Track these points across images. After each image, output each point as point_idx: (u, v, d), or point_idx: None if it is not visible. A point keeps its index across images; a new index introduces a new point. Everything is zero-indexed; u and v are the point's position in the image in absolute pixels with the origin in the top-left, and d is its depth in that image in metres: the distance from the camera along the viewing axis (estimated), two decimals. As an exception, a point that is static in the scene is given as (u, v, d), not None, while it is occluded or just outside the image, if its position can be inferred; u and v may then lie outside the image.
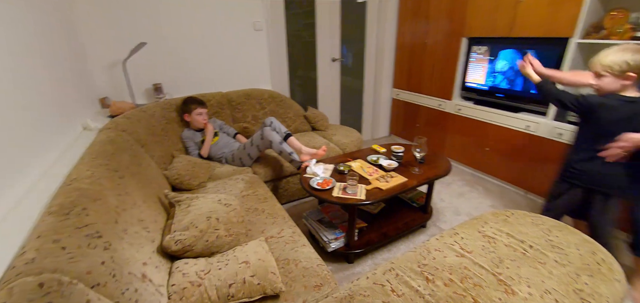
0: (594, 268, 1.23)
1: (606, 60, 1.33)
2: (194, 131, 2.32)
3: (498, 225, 1.50)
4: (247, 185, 1.96)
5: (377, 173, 1.88)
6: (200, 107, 2.27)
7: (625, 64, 1.28)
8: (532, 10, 2.31)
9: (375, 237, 1.95)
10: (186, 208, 1.35)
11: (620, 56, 1.30)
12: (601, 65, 1.35)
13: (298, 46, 3.25)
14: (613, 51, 1.34)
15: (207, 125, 2.29)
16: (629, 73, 1.28)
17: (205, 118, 2.30)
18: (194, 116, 2.27)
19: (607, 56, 1.34)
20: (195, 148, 2.28)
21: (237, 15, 2.69)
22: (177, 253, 1.17)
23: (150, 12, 2.34)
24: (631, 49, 1.30)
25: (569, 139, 2.23)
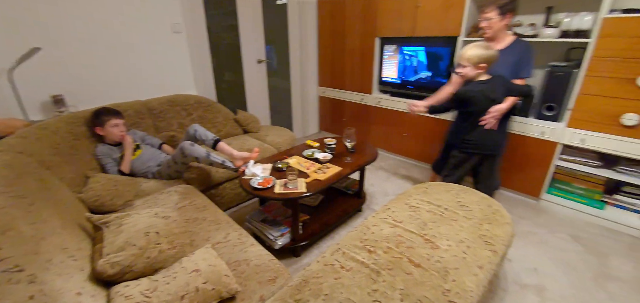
0: (491, 217, 1.56)
1: (466, 55, 1.75)
2: (110, 145, 2.07)
3: (420, 196, 1.75)
4: (182, 196, 1.85)
5: (313, 166, 1.99)
6: (116, 118, 2.04)
7: (477, 57, 1.72)
8: (428, 14, 2.72)
9: (318, 227, 2.06)
10: (117, 228, 1.23)
11: (475, 51, 1.72)
12: (464, 58, 1.76)
13: (222, 48, 3.16)
14: (470, 48, 1.74)
15: (126, 138, 2.07)
16: (480, 64, 1.73)
17: (123, 129, 2.08)
18: (109, 129, 2.03)
19: (467, 51, 1.75)
20: (114, 164, 2.04)
21: (151, 16, 2.48)
22: (115, 277, 1.07)
23: (44, 13, 2.00)
24: (482, 46, 1.73)
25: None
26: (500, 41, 1.95)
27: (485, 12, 1.86)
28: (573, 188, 2.39)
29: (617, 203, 2.26)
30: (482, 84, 1.77)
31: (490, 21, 1.86)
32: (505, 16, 1.85)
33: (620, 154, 2.06)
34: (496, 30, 1.89)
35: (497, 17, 1.84)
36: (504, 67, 1.87)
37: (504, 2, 1.80)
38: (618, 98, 1.97)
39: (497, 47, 1.92)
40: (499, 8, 1.81)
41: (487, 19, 1.87)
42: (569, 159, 2.30)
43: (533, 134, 2.36)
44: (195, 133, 2.16)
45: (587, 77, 2.05)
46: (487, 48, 1.71)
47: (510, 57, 1.89)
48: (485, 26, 1.90)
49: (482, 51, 1.71)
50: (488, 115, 1.79)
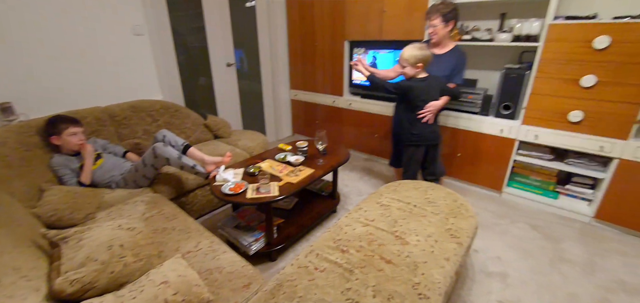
0: (456, 212, 1.64)
1: (404, 55, 1.93)
2: (67, 155, 1.94)
3: (390, 194, 1.81)
4: (149, 206, 1.77)
5: (286, 169, 1.99)
6: (73, 126, 1.92)
7: (414, 58, 1.91)
8: (393, 18, 2.82)
9: (294, 230, 2.06)
10: (77, 243, 1.16)
11: (413, 52, 1.91)
12: (403, 58, 1.94)
13: (189, 52, 3.07)
14: (409, 49, 1.92)
15: (85, 146, 1.95)
16: (419, 63, 1.92)
17: (81, 138, 1.95)
18: (66, 138, 1.90)
19: (405, 52, 1.93)
20: (73, 175, 1.91)
21: (110, 18, 2.36)
22: (76, 296, 1.00)
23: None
24: (418, 47, 1.91)
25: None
26: (444, 46, 2.14)
27: (431, 19, 2.02)
28: (530, 181, 2.57)
29: (568, 192, 2.46)
30: (421, 82, 1.98)
31: (436, 28, 2.02)
32: (449, 24, 2.03)
33: (569, 148, 2.26)
34: (441, 36, 2.07)
35: (441, 24, 2.01)
36: (442, 68, 2.08)
37: (447, 11, 1.98)
38: (565, 97, 2.15)
39: (441, 51, 2.13)
40: (443, 16, 1.98)
41: (433, 25, 2.03)
42: (526, 154, 2.48)
43: (493, 132, 2.51)
44: (165, 137, 2.08)
45: (537, 78, 2.22)
46: (422, 49, 1.91)
47: (449, 61, 2.10)
48: (431, 32, 2.07)
49: (417, 52, 1.90)
50: (426, 110, 2.01)
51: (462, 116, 2.63)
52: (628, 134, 2.00)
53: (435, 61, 2.04)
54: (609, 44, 1.92)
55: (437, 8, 2.00)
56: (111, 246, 1.13)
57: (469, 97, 2.57)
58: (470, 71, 2.84)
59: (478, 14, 2.63)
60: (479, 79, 2.74)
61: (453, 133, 2.72)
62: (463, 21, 2.69)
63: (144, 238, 1.26)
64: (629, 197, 2.09)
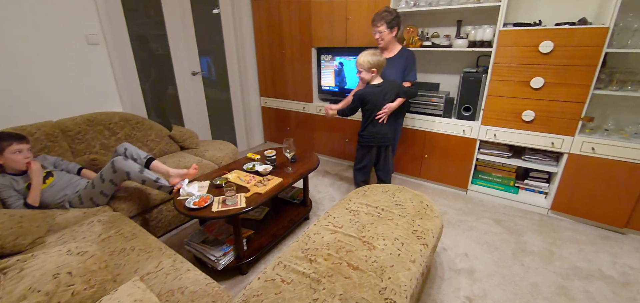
0: (422, 212, 1.68)
1: (359, 61, 2.04)
2: (12, 175, 1.78)
3: (359, 199, 1.82)
4: (106, 226, 1.66)
5: (254, 179, 1.95)
6: (18, 142, 1.76)
7: (368, 63, 2.03)
8: (357, 25, 2.88)
9: (265, 240, 2.02)
10: (17, 274, 1.06)
11: (367, 58, 2.02)
12: (358, 64, 2.05)
13: (151, 61, 2.94)
14: (363, 55, 2.03)
15: (32, 165, 1.80)
16: (373, 69, 2.04)
17: (28, 155, 1.79)
18: (10, 156, 1.74)
19: (360, 58, 2.04)
20: (18, 197, 1.75)
21: (62, 28, 2.21)
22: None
23: None
24: (371, 53, 2.03)
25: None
26: (391, 50, 2.29)
27: (377, 26, 2.15)
28: (493, 178, 2.70)
29: (527, 187, 2.61)
30: (376, 88, 2.11)
31: (382, 33, 2.16)
32: (393, 30, 2.17)
33: (524, 145, 2.40)
34: (387, 41, 2.21)
35: (387, 30, 2.15)
36: (394, 71, 2.23)
37: (391, 18, 2.13)
38: (518, 98, 2.29)
39: (389, 55, 2.28)
40: (387, 23, 2.13)
41: (379, 31, 2.16)
42: (487, 152, 2.61)
43: (456, 133, 2.62)
44: (126, 151, 1.97)
45: (492, 81, 2.35)
46: (375, 55, 2.03)
47: (399, 62, 2.26)
48: (378, 38, 2.20)
49: (371, 58, 2.02)
50: (382, 111, 2.14)
51: (427, 118, 2.72)
52: (574, 130, 2.17)
53: (388, 64, 2.17)
54: (552, 49, 2.07)
55: (381, 15, 2.12)
56: (58, 274, 1.05)
57: (432, 101, 2.67)
58: (432, 75, 2.95)
59: (437, 21, 2.75)
60: (441, 82, 2.86)
61: (420, 135, 2.81)
62: (423, 28, 2.80)
63: (96, 262, 1.18)
64: (579, 189, 2.25)
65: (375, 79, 2.09)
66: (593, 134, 2.18)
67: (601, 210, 2.22)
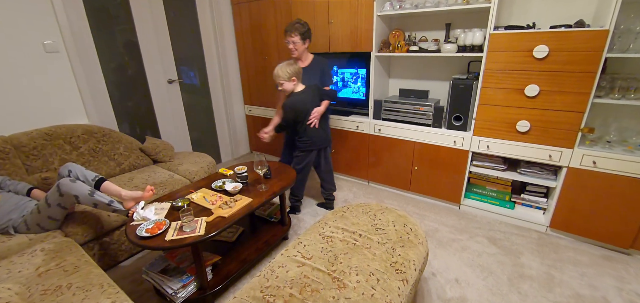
0: (405, 239, 1.50)
1: (279, 73, 2.07)
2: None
3: (336, 222, 1.64)
4: (48, 257, 1.47)
5: (221, 199, 1.76)
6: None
7: (287, 74, 2.07)
8: (340, 30, 2.71)
9: (235, 267, 1.83)
10: None
11: (285, 69, 2.07)
12: (277, 76, 2.08)
13: (121, 69, 2.76)
14: (281, 68, 2.07)
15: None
16: (293, 77, 2.09)
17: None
18: None
19: (278, 71, 2.07)
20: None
21: (15, 35, 2.03)
22: None
23: None
24: (287, 63, 2.09)
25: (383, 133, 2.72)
26: (305, 60, 2.35)
27: (292, 36, 2.19)
28: (487, 191, 2.52)
29: (523, 202, 2.43)
30: (301, 94, 2.16)
31: (296, 44, 2.22)
32: (306, 41, 2.26)
33: (519, 158, 2.22)
34: (301, 52, 2.28)
35: (300, 41, 2.22)
36: (313, 79, 2.29)
37: (303, 31, 2.21)
38: (512, 107, 2.12)
39: (304, 65, 2.33)
40: (301, 35, 2.20)
41: (293, 42, 2.21)
42: (480, 165, 2.43)
43: (447, 144, 2.44)
44: (70, 172, 1.77)
45: (484, 89, 2.18)
46: (292, 64, 2.10)
47: (315, 70, 2.33)
48: (292, 48, 2.25)
49: (289, 67, 2.08)
50: (312, 116, 2.20)
51: (415, 128, 2.54)
52: (574, 142, 1.99)
53: (305, 72, 2.24)
54: (547, 53, 1.90)
55: (294, 27, 2.19)
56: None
57: (420, 109, 2.50)
58: (420, 81, 2.78)
59: (425, 25, 2.59)
60: (430, 90, 2.69)
61: (409, 146, 2.63)
62: (410, 32, 2.64)
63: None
64: (579, 205, 2.07)
65: (297, 86, 2.15)
66: (594, 146, 2.00)
67: (604, 228, 2.04)
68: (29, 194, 1.87)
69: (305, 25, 2.23)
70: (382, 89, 2.88)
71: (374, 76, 2.66)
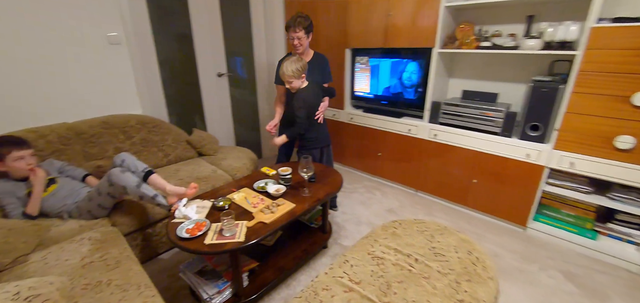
0: (471, 270, 1.26)
1: (289, 71, 1.97)
2: (14, 181, 1.68)
3: (387, 240, 1.44)
4: (94, 246, 1.48)
5: (263, 202, 1.66)
6: (17, 149, 1.64)
7: (297, 71, 1.98)
8: (400, 24, 2.46)
9: (271, 275, 1.72)
10: (-52, 322, 0.86)
11: (294, 66, 1.98)
12: (287, 75, 1.98)
13: (175, 61, 2.81)
14: (289, 65, 1.97)
15: (35, 172, 1.68)
16: (302, 74, 2.01)
17: (30, 162, 1.68)
18: (11, 164, 1.63)
19: (288, 68, 1.97)
20: (18, 204, 1.65)
21: (82, 27, 2.12)
22: None
23: None
24: (295, 60, 2.00)
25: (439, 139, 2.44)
26: (307, 55, 2.30)
27: (296, 31, 2.11)
28: (562, 215, 2.14)
29: (610, 233, 2.02)
30: (309, 89, 2.09)
31: (301, 39, 2.14)
32: (309, 35, 2.19)
33: (614, 180, 1.82)
34: (305, 47, 2.21)
35: (304, 35, 2.14)
36: (315, 75, 2.26)
37: (307, 24, 2.13)
38: (610, 118, 1.73)
39: (306, 59, 2.25)
40: (304, 29, 2.12)
41: (297, 37, 2.13)
42: (557, 184, 2.06)
43: (517, 156, 2.10)
44: (123, 162, 1.80)
45: (574, 94, 1.81)
46: (299, 60, 2.02)
47: (318, 67, 2.31)
48: (297, 44, 2.16)
49: (298, 64, 1.99)
50: (319, 112, 2.18)
51: (479, 136, 2.23)
52: (697, 167, 1.56)
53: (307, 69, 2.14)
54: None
55: (298, 21, 2.10)
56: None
57: (487, 114, 2.18)
58: (488, 83, 2.44)
59: (500, 17, 2.24)
60: (500, 93, 2.34)
61: (469, 156, 2.33)
62: (481, 25, 2.31)
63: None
64: (697, 246, 1.64)
65: (304, 82, 2.09)
66: None
67: None
68: (84, 180, 1.94)
69: (308, 18, 2.16)
70: (441, 89, 2.59)
71: (434, 75, 2.38)
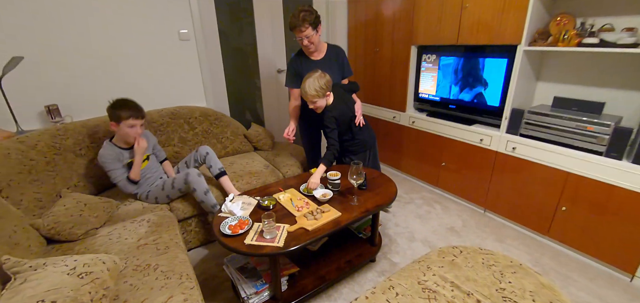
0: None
1: (310, 92, 1.81)
2: (119, 148, 1.78)
3: (443, 270, 1.23)
4: (151, 229, 1.58)
5: (307, 207, 1.57)
6: (134, 117, 1.73)
7: (321, 90, 1.82)
8: (477, 17, 2.13)
9: (312, 283, 1.64)
10: (18, 286, 0.97)
11: (317, 84, 1.80)
12: (310, 95, 1.82)
13: (238, 57, 2.92)
14: (309, 85, 1.80)
15: (140, 142, 1.79)
16: (327, 92, 1.86)
17: (139, 131, 1.77)
18: (124, 129, 1.72)
19: (309, 90, 1.80)
20: (124, 171, 1.78)
21: (156, 23, 2.32)
22: None
23: (31, 20, 1.91)
24: (317, 77, 1.81)
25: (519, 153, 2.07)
26: (320, 50, 2.09)
27: (302, 30, 1.89)
28: (694, 268, 1.61)
29: None
30: (337, 104, 1.92)
31: (310, 37, 1.92)
32: (318, 28, 1.96)
33: None
34: (316, 43, 2.00)
35: (313, 32, 1.92)
36: (333, 71, 2.06)
37: (312, 18, 1.89)
38: None
39: (320, 56, 2.09)
40: (311, 23, 1.89)
41: (306, 36, 1.91)
42: (691, 226, 1.55)
43: (629, 185, 1.64)
44: (207, 155, 1.97)
45: None
46: (321, 77, 1.82)
47: (333, 60, 2.13)
48: (307, 44, 1.96)
49: (320, 81, 1.81)
50: (357, 116, 2.03)
51: (574, 154, 1.81)
52: None
53: (322, 67, 1.93)
54: None
55: (302, 17, 1.87)
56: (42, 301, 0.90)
57: (588, 128, 1.75)
58: (589, 89, 1.97)
59: (612, 7, 1.78)
60: (607, 103, 1.87)
61: (558, 177, 1.91)
62: (584, 17, 1.86)
63: (95, 287, 1.02)
64: None
65: (330, 98, 1.91)
66: None
67: None
68: (162, 163, 2.08)
69: (313, 10, 1.92)
70: (525, 95, 2.18)
71: (518, 78, 2.01)
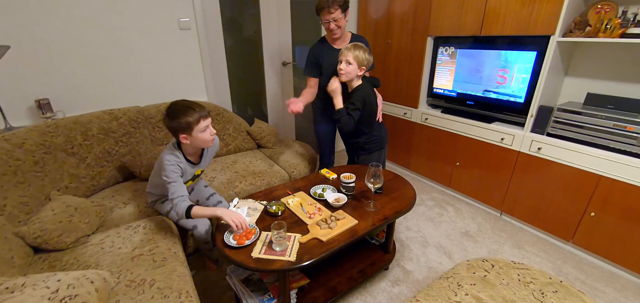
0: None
1: (361, 57, 1.70)
2: (188, 160, 1.47)
3: (476, 288, 1.09)
4: (147, 236, 1.45)
5: (320, 213, 1.43)
6: (205, 117, 1.37)
7: (363, 60, 1.71)
8: (504, 5, 1.97)
9: (322, 295, 1.50)
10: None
11: (363, 54, 1.70)
12: (353, 55, 1.69)
13: (241, 48, 2.75)
14: (362, 52, 1.69)
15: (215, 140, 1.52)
16: (363, 67, 1.73)
17: (213, 131, 1.43)
18: (198, 135, 1.36)
19: (360, 54, 1.69)
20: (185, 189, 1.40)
21: (154, 10, 2.15)
22: None
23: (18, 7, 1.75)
24: (365, 50, 1.72)
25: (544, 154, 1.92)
26: (344, 38, 1.96)
27: (331, 12, 1.77)
28: None
29: None
30: (367, 87, 1.79)
31: (338, 20, 1.81)
32: (346, 13, 1.85)
33: None
34: (343, 29, 1.88)
35: (341, 15, 1.81)
36: None
37: (342, 2, 1.78)
38: None
39: (343, 44, 1.93)
40: (340, 6, 1.77)
41: (334, 18, 1.79)
42: None
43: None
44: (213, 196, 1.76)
45: None
46: (370, 54, 1.75)
47: None
48: (333, 27, 1.83)
49: (367, 55, 1.72)
50: (379, 110, 1.92)
51: (609, 156, 1.66)
52: None
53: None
54: None
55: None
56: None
57: (627, 128, 1.60)
58: (627, 85, 1.81)
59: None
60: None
61: (588, 180, 1.77)
62: (628, 5, 1.69)
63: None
64: None
65: (355, 81, 1.79)
66: None
67: None
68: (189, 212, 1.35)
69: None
70: (552, 92, 2.02)
71: (547, 72, 1.84)
